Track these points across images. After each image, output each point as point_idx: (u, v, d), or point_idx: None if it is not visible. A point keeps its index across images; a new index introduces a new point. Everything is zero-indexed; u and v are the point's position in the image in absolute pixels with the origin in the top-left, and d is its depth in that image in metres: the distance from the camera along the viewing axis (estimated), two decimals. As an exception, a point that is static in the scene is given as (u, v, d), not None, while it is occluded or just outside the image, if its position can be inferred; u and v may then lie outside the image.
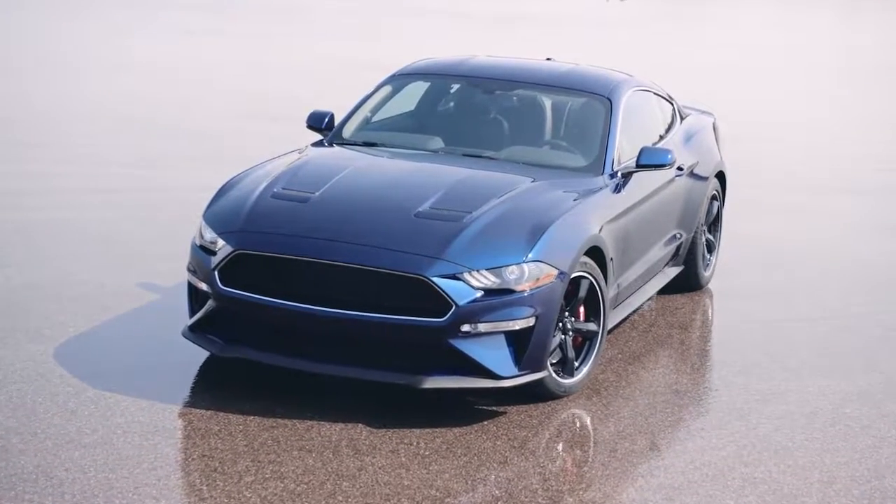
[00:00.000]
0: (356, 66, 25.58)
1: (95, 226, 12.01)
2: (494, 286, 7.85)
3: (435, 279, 7.74)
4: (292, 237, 8.02)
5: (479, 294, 7.81)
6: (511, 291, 7.87)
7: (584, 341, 8.56)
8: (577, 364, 8.45)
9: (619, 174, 9.28)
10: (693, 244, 10.80)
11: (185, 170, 14.95)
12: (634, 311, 10.02)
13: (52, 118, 17.85)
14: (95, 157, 15.38)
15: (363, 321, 7.78)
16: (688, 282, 11.01)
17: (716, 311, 10.75)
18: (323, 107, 10.62)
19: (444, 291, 7.73)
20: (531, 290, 7.91)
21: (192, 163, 15.37)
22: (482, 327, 7.81)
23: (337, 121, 9.99)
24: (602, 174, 9.16)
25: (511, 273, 7.89)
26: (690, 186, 10.56)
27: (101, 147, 16.01)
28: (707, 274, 11.23)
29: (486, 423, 7.95)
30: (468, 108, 9.95)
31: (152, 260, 10.85)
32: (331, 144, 9.66)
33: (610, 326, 9.13)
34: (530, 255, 7.95)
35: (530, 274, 7.92)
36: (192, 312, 8.45)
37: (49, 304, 9.60)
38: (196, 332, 8.31)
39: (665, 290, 10.82)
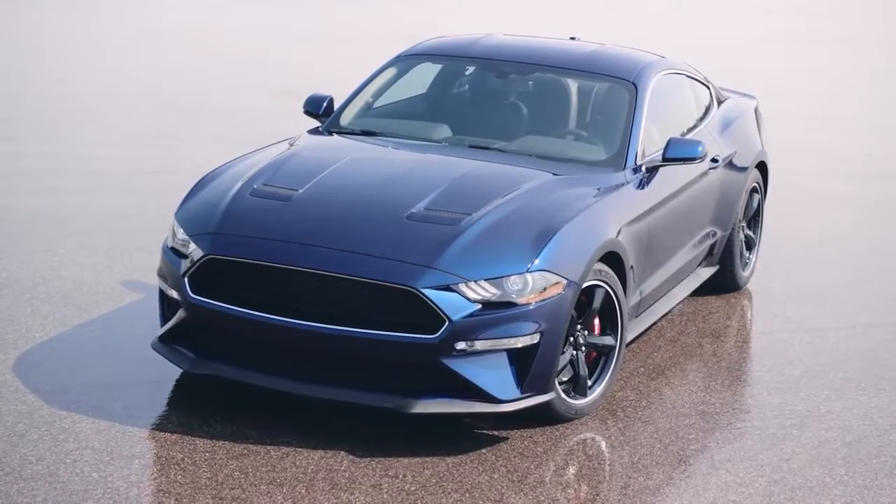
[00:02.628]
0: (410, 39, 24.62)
1: (84, 214, 11.18)
2: (494, 298, 6.97)
3: (425, 291, 6.86)
4: (269, 241, 7.17)
5: (476, 307, 6.92)
6: (513, 304, 6.98)
7: (600, 357, 7.66)
8: (590, 383, 7.56)
9: (644, 168, 8.35)
10: (729, 242, 9.85)
11: (196, 151, 14.00)
12: (662, 318, 9.10)
13: (54, 93, 17.01)
14: (94, 134, 14.52)
15: (346, 337, 6.93)
16: (724, 282, 10.07)
17: (754, 317, 9.79)
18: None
19: (435, 305, 6.86)
20: (535, 302, 7.02)
21: (204, 144, 14.42)
22: (479, 345, 6.94)
23: (337, 106, 9.10)
24: (623, 169, 8.24)
25: (513, 284, 7.01)
26: (727, 179, 9.61)
27: (101, 124, 15.13)
28: (745, 274, 10.27)
29: (483, 451, 7.08)
30: (478, 93, 9.05)
31: (140, 254, 10.01)
32: (327, 133, 8.78)
33: (630, 338, 8.23)
34: (535, 264, 7.06)
35: (535, 285, 7.03)
36: (164, 322, 7.62)
37: (19, 305, 8.81)
38: (166, 344, 7.48)
39: (699, 292, 9.89)
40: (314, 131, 8.84)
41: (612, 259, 7.65)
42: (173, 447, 6.87)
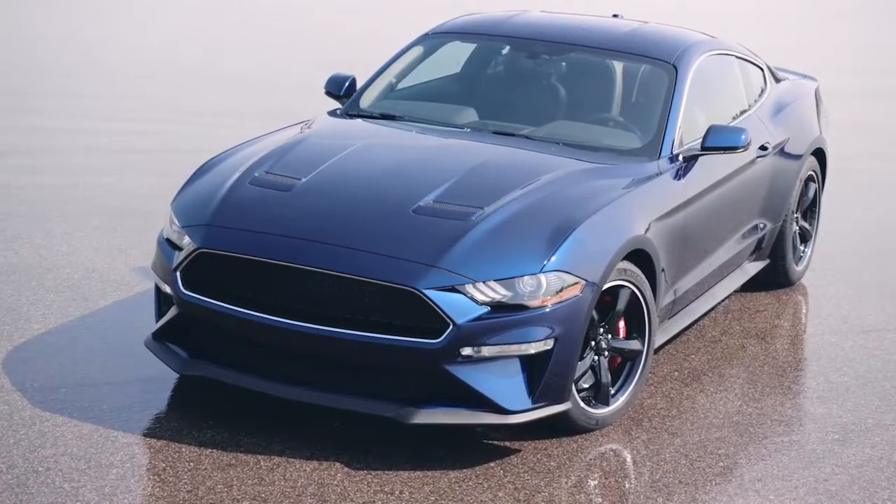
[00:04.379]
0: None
1: (110, 194, 10.75)
2: (504, 301, 6.41)
3: (428, 292, 6.32)
4: (265, 235, 6.66)
5: (484, 310, 6.38)
6: (524, 307, 6.43)
7: (626, 362, 7.09)
8: (613, 390, 6.99)
9: (681, 158, 7.74)
10: (781, 235, 9.22)
11: (239, 129, 13.50)
12: (703, 317, 8.50)
13: (87, 64, 16.62)
14: (134, 110, 14.11)
15: (344, 340, 6.41)
16: (776, 278, 9.43)
17: (804, 316, 9.15)
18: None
19: (438, 307, 6.32)
20: (549, 305, 6.45)
21: (251, 121, 13.94)
22: (487, 351, 6.39)
23: (359, 87, 8.57)
24: (658, 158, 7.63)
25: (525, 285, 6.45)
26: (778, 168, 8.97)
27: (134, 98, 14.72)
28: (799, 268, 9.63)
29: (491, 465, 6.54)
30: (508, 75, 8.48)
31: (159, 240, 9.54)
32: (345, 115, 8.25)
33: (663, 341, 7.65)
34: (550, 263, 6.49)
35: (549, 286, 6.47)
36: (159, 318, 7.15)
37: (23, 292, 8.39)
38: (160, 341, 7.01)
39: (748, 288, 9.28)
40: (332, 113, 8.33)
41: (640, 257, 7.06)
42: (157, 455, 6.40)
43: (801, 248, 9.67)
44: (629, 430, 7.03)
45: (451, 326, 6.32)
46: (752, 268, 9.03)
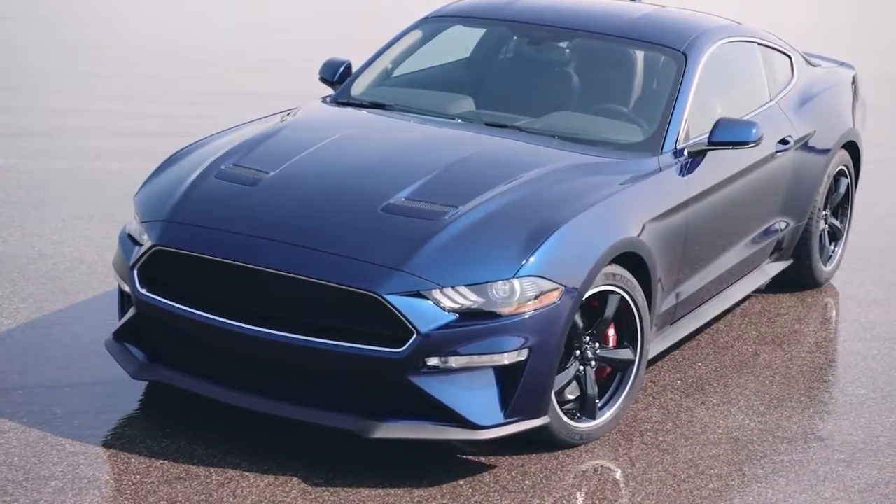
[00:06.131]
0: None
1: (116, 180, 10.40)
2: (474, 308, 5.95)
3: (390, 297, 5.87)
4: (224, 233, 6.25)
5: (452, 318, 5.92)
6: (496, 315, 5.96)
7: (616, 372, 6.61)
8: (600, 403, 6.51)
9: (686, 153, 7.22)
10: (806, 233, 8.66)
11: (259, 113, 13.10)
12: (717, 320, 8.00)
13: (112, 44, 16.29)
14: (157, 92, 13.73)
15: (303, 347, 5.99)
16: (801, 278, 8.89)
17: (828, 321, 8.60)
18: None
19: (401, 314, 5.87)
20: (524, 313, 5.98)
21: (274, 103, 13.50)
22: (455, 361, 5.94)
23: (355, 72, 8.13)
24: (659, 153, 7.12)
25: (498, 291, 5.98)
26: (802, 162, 8.42)
27: (159, 80, 14.35)
28: (828, 269, 9.07)
29: (461, 482, 6.10)
30: (509, 62, 8.00)
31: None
32: (335, 103, 7.81)
33: (664, 348, 7.16)
34: (525, 268, 6.02)
35: (524, 292, 6.00)
36: (121, 317, 6.77)
37: (2, 283, 8.03)
38: (119, 342, 6.62)
39: (773, 288, 8.75)
40: (323, 101, 7.89)
41: (632, 260, 6.57)
42: (102, 466, 6.02)
43: (831, 247, 9.12)
44: (617, 445, 6.55)
45: (415, 335, 5.87)
46: (773, 268, 8.50)
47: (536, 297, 6.02)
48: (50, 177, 10.35)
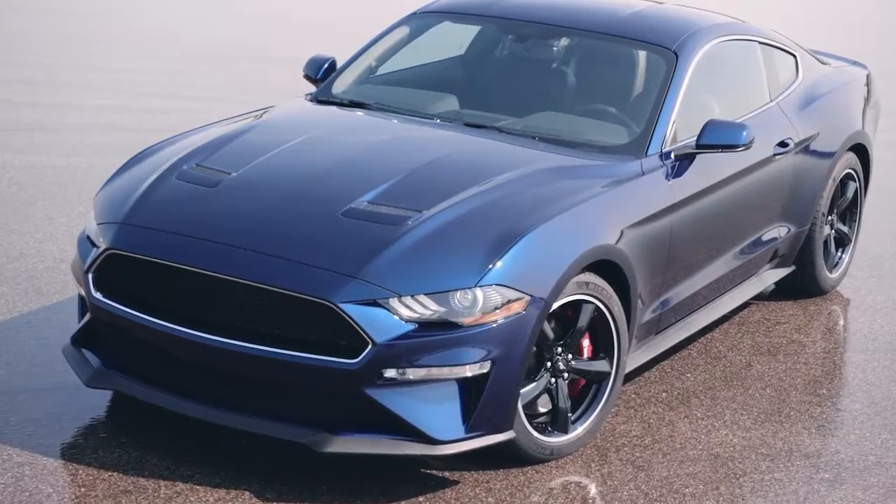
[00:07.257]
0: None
1: (104, 178, 10.16)
2: (433, 318, 5.69)
3: (344, 306, 5.62)
4: (178, 237, 6.01)
5: (410, 328, 5.66)
6: (457, 326, 5.70)
7: (591, 385, 6.33)
8: (573, 416, 6.24)
9: (673, 156, 6.93)
10: (809, 239, 8.34)
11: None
12: (712, 329, 7.72)
13: (124, 38, 16.14)
14: (169, 86, 13.53)
15: (256, 357, 5.75)
16: (804, 286, 8.58)
17: (830, 330, 8.27)
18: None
19: (356, 323, 5.62)
20: (487, 324, 5.72)
21: (281, 98, 13.28)
22: (413, 373, 5.68)
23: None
24: (644, 156, 6.83)
25: (459, 300, 5.72)
26: (805, 165, 8.11)
27: (169, 74, 14.13)
28: (833, 276, 8.75)
29: (420, 499, 5.84)
30: (496, 60, 7.73)
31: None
32: (314, 101, 7.56)
33: (648, 359, 6.88)
34: (488, 276, 5.76)
35: (486, 302, 5.73)
36: (80, 322, 6.55)
37: (-26, 285, 7.86)
38: (76, 348, 6.40)
39: (776, 296, 8.45)
40: (304, 98, 7.65)
41: (609, 268, 6.29)
42: (47, 478, 5.80)
43: (837, 253, 8.79)
44: (590, 461, 6.28)
45: (370, 345, 5.62)
46: (773, 275, 8.20)
47: (500, 307, 5.76)
48: (42, 174, 10.18)
